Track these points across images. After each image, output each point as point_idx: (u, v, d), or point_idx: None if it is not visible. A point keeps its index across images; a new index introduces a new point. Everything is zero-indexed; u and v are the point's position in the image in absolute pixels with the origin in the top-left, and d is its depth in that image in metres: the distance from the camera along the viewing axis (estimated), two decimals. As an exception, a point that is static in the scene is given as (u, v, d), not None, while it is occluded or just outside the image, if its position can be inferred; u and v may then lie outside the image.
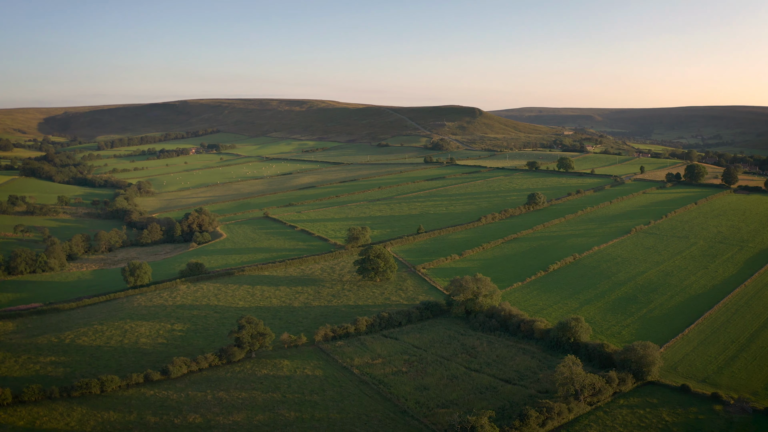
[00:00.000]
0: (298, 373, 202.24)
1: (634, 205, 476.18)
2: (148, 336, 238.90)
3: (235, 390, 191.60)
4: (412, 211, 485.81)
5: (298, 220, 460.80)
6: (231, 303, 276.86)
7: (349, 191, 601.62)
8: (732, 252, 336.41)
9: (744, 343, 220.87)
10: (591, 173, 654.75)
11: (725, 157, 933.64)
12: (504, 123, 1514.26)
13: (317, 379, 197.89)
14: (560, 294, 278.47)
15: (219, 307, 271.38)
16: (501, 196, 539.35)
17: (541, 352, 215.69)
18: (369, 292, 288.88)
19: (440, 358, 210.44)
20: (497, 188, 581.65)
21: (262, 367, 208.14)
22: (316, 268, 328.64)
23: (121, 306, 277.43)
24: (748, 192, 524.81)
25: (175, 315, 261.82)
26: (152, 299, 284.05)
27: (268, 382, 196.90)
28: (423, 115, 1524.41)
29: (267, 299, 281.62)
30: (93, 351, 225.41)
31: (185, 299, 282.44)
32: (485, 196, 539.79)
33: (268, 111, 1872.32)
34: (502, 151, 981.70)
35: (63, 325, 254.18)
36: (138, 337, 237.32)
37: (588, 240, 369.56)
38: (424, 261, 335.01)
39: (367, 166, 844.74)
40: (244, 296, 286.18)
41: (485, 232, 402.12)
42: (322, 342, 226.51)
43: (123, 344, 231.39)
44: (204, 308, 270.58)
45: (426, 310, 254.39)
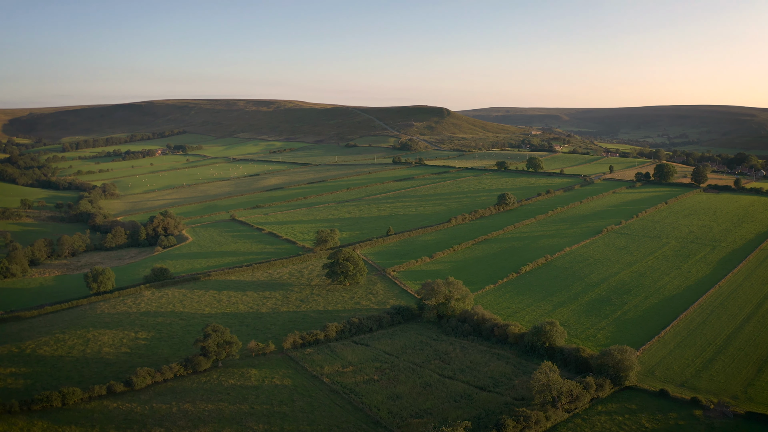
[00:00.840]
0: (267, 383, 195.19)
1: (605, 204, 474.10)
2: (111, 345, 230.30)
3: (201, 402, 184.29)
4: (381, 213, 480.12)
5: (265, 222, 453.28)
6: (197, 309, 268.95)
7: (318, 192, 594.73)
8: (704, 252, 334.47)
9: (721, 345, 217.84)
10: (560, 173, 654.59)
11: (693, 156, 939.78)
12: (472, 123, 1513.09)
13: (286, 388, 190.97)
14: (533, 296, 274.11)
15: (185, 314, 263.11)
16: (470, 196, 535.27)
17: (515, 357, 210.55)
18: (338, 296, 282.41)
19: (413, 364, 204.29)
20: (467, 189, 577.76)
21: (229, 377, 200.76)
22: (284, 272, 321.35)
23: (83, 314, 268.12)
24: (717, 191, 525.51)
25: (139, 323, 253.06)
26: (116, 306, 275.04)
27: (235, 392, 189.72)
28: (391, 115, 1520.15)
29: (234, 305, 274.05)
30: (54, 361, 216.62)
31: (150, 306, 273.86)
32: (455, 197, 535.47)
33: (235, 111, 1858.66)
34: (471, 151, 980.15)
35: (24, 334, 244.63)
36: (101, 347, 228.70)
37: (559, 241, 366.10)
38: (394, 264, 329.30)
39: (335, 167, 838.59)
40: (210, 302, 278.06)
41: (455, 233, 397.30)
42: (291, 349, 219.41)
43: (85, 354, 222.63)
44: (169, 315, 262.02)
45: (397, 314, 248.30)
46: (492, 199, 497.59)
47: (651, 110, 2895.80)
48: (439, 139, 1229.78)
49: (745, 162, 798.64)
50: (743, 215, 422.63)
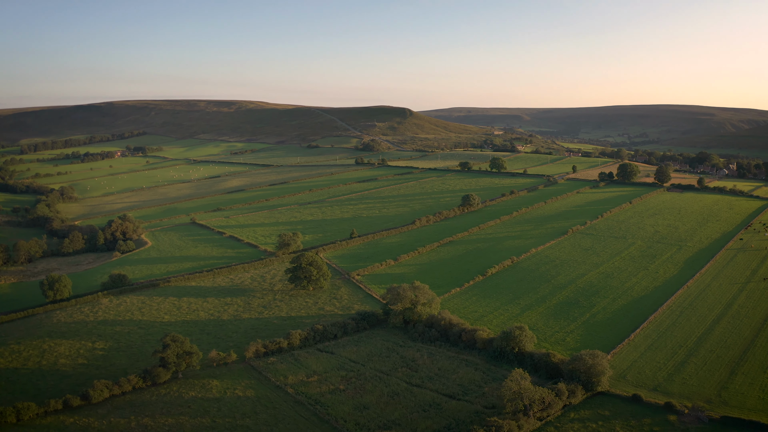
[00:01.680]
0: (229, 395, 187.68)
1: (569, 205, 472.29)
2: (68, 356, 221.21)
3: (160, 415, 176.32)
4: (344, 215, 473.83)
5: (226, 225, 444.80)
6: (156, 317, 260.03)
7: (279, 194, 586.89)
8: (671, 252, 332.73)
9: (692, 347, 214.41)
10: (524, 173, 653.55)
11: (655, 155, 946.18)
12: (434, 123, 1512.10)
13: (249, 400, 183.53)
14: (500, 299, 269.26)
15: (143, 322, 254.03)
16: (434, 197, 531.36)
17: (484, 363, 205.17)
18: (302, 302, 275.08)
19: (379, 373, 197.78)
20: (430, 189, 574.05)
21: (189, 389, 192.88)
22: (246, 277, 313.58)
23: (39, 323, 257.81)
24: (681, 190, 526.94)
25: (97, 332, 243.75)
26: (73, 315, 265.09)
27: (196, 405, 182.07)
28: (353, 115, 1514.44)
29: (194, 312, 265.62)
30: (9, 374, 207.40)
31: (107, 314, 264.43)
32: (418, 198, 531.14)
33: (195, 112, 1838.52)
34: (434, 152, 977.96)
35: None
36: (57, 358, 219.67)
37: (525, 242, 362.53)
38: (358, 267, 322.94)
39: (297, 168, 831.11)
40: (170, 309, 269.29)
41: (420, 235, 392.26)
42: (253, 359, 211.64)
43: (41, 366, 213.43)
44: (127, 324, 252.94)
45: (362, 320, 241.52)
46: (456, 200, 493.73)
47: (611, 110, 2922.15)
48: (402, 139, 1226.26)
49: (707, 161, 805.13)
50: (708, 214, 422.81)
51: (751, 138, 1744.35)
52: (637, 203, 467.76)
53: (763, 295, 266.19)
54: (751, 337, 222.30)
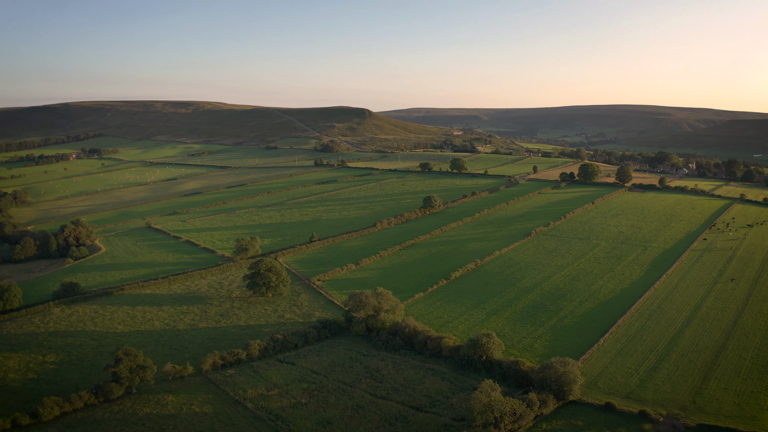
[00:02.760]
0: (185, 411, 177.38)
1: (531, 206, 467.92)
2: (17, 371, 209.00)
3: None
4: (303, 218, 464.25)
5: (182, 229, 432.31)
6: (109, 328, 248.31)
7: (237, 197, 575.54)
8: (636, 253, 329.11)
9: (663, 351, 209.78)
10: (485, 174, 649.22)
11: (614, 155, 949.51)
12: (394, 124, 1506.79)
13: (206, 416, 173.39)
14: (465, 304, 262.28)
15: (96, 333, 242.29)
16: (395, 199, 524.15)
17: (451, 372, 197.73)
18: (261, 309, 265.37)
19: (343, 384, 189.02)
20: (391, 191, 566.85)
21: (144, 405, 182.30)
22: (203, 284, 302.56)
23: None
24: (642, 190, 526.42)
25: (48, 344, 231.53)
26: (23, 326, 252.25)
27: (151, 422, 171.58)
28: (312, 116, 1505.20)
29: (149, 322, 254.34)
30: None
31: (59, 325, 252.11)
32: (379, 200, 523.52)
33: (152, 113, 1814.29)
34: (394, 153, 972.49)
35: None
36: (6, 372, 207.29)
37: (488, 244, 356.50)
38: (318, 272, 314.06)
39: (255, 170, 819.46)
40: (123, 319, 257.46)
41: (381, 238, 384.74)
42: (210, 371, 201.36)
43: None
44: (80, 335, 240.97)
45: (324, 328, 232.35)
46: (417, 201, 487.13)
47: (569, 110, 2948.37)
48: (361, 140, 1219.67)
49: (667, 160, 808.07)
50: (671, 214, 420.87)
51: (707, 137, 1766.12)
52: (600, 203, 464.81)
53: (731, 297, 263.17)
54: (722, 340, 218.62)
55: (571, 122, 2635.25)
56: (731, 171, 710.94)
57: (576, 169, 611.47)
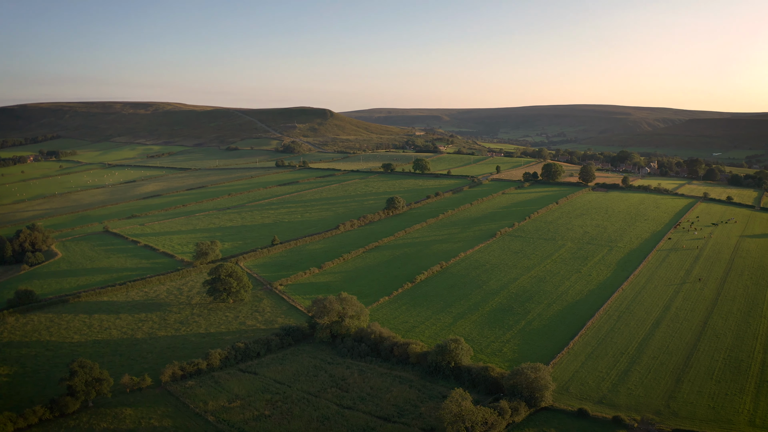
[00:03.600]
0: (144, 425, 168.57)
1: (496, 206, 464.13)
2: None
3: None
4: (265, 220, 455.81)
5: (141, 233, 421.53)
6: (65, 338, 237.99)
7: (197, 199, 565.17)
8: (602, 253, 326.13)
9: (634, 354, 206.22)
10: (448, 174, 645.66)
11: (576, 154, 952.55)
12: (355, 124, 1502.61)
13: (166, 431, 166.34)
14: (431, 308, 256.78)
15: (52, 344, 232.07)
16: (358, 200, 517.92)
17: (419, 380, 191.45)
18: (222, 316, 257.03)
19: (307, 394, 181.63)
20: (353, 192, 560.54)
21: (101, 419, 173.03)
22: (162, 290, 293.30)
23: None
24: (606, 189, 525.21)
25: (1, 356, 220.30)
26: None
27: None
28: (273, 117, 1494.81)
29: (106, 331, 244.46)
30: None
31: (13, 335, 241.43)
32: (342, 201, 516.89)
33: (112, 114, 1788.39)
34: (356, 153, 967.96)
35: None
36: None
37: (453, 246, 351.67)
38: (281, 276, 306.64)
39: (216, 172, 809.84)
40: (80, 328, 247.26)
41: (344, 240, 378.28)
42: (170, 383, 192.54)
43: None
44: (34, 345, 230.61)
45: (287, 336, 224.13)
46: (380, 203, 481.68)
47: (529, 110, 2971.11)
48: (323, 140, 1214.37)
49: (628, 159, 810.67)
50: (635, 214, 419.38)
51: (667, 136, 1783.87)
52: (564, 203, 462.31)
53: (699, 297, 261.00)
54: (693, 342, 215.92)
55: (531, 122, 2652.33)
56: (693, 170, 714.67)
57: (539, 168, 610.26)
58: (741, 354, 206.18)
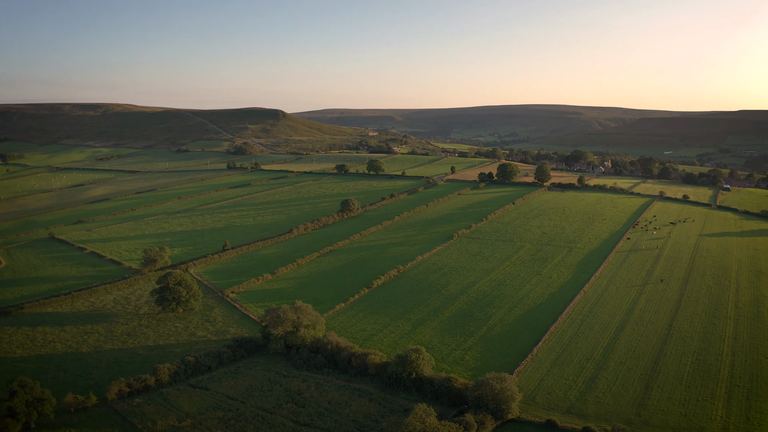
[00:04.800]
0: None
1: (452, 207, 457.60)
2: None
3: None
4: (216, 224, 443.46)
5: (88, 240, 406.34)
6: (7, 352, 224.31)
7: (146, 203, 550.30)
8: (562, 254, 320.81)
9: (600, 359, 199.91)
10: (402, 175, 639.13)
11: (530, 154, 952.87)
12: (308, 125, 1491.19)
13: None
14: (390, 315, 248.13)
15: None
16: (311, 203, 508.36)
17: (379, 392, 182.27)
18: (171, 327, 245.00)
19: (262, 411, 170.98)
20: (307, 194, 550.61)
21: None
22: (109, 300, 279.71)
23: None
24: (562, 189, 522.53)
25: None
26: None
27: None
28: (225, 118, 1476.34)
29: (50, 344, 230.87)
30: None
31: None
32: (295, 204, 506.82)
33: (60, 116, 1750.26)
34: (309, 154, 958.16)
35: None
36: None
37: (410, 249, 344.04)
38: (233, 283, 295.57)
39: (166, 174, 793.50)
40: (23, 342, 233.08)
41: (298, 244, 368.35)
42: (116, 401, 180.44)
43: None
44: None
45: (239, 347, 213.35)
46: (334, 205, 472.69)
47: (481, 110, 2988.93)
48: (275, 142, 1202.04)
49: (582, 159, 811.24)
50: (593, 213, 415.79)
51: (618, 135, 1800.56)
52: (520, 204, 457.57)
53: (663, 298, 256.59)
54: (659, 345, 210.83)
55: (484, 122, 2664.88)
56: (647, 168, 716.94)
57: (494, 169, 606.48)
58: (709, 357, 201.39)
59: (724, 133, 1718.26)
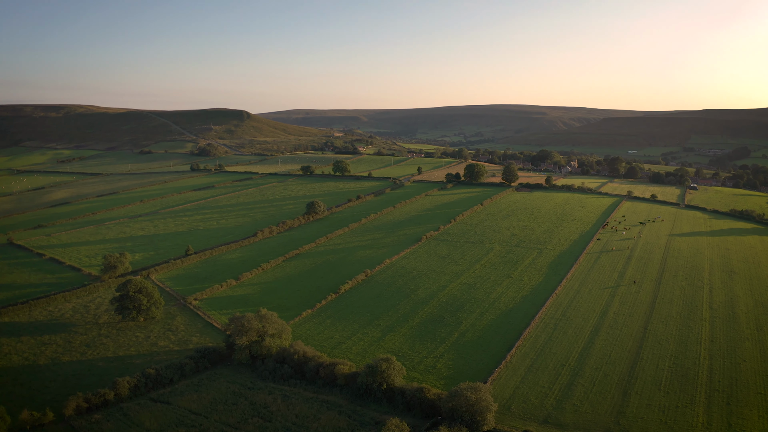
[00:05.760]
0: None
1: (419, 209, 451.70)
2: None
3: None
4: (179, 228, 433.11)
5: (47, 245, 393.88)
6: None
7: (108, 207, 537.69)
8: (532, 256, 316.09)
9: (575, 365, 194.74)
10: (369, 176, 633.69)
11: (496, 154, 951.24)
12: (273, 126, 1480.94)
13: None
14: (358, 321, 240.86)
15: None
16: (276, 205, 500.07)
17: (348, 404, 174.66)
18: (132, 336, 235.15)
19: (226, 426, 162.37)
20: (272, 197, 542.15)
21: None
22: (68, 308, 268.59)
23: None
24: (530, 189, 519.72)
25: None
26: None
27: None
28: (189, 119, 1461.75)
29: (6, 357, 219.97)
30: None
31: None
32: (260, 206, 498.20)
33: (22, 118, 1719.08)
34: (273, 155, 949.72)
35: None
36: None
37: (378, 252, 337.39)
38: (195, 290, 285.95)
39: (128, 177, 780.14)
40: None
41: (263, 249, 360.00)
42: (74, 417, 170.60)
43: None
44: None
45: (202, 358, 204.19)
46: (300, 207, 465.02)
47: (447, 110, 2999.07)
48: (240, 143, 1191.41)
49: (549, 159, 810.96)
50: (561, 214, 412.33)
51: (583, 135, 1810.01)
52: (489, 205, 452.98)
53: (636, 300, 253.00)
54: (635, 349, 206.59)
55: (449, 122, 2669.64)
56: (614, 168, 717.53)
57: (461, 169, 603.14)
58: (687, 361, 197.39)
59: (687, 132, 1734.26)
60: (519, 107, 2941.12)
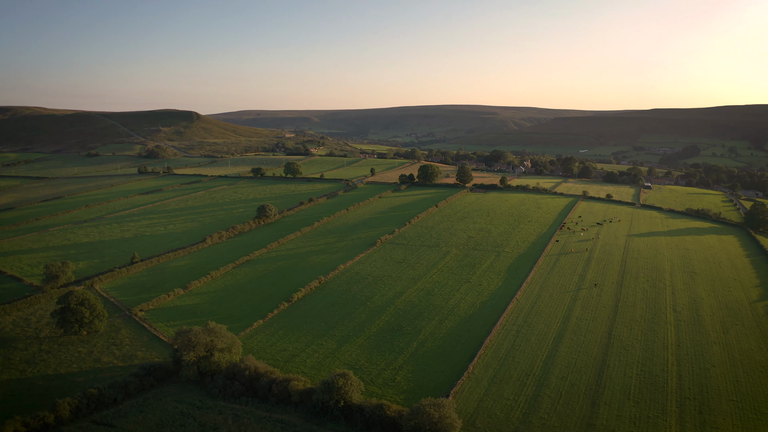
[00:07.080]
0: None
1: (373, 211, 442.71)
2: None
3: None
4: (125, 234, 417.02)
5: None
6: None
7: (52, 212, 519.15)
8: (490, 259, 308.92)
9: (540, 375, 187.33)
10: (321, 178, 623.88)
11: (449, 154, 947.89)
12: (223, 127, 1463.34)
13: None
14: (312, 332, 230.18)
15: None
16: (226, 209, 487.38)
17: (304, 423, 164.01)
18: (74, 352, 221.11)
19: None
20: (221, 200, 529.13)
21: None
22: (7, 322, 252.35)
23: None
24: (485, 190, 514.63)
25: None
26: None
27: None
28: (137, 120, 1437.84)
29: None
30: None
31: None
32: (209, 210, 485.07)
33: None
34: (224, 157, 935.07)
35: None
36: None
37: (331, 257, 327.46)
38: (141, 300, 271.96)
39: (74, 180, 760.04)
40: None
41: (212, 255, 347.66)
42: None
43: None
44: None
45: (148, 375, 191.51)
46: (250, 211, 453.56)
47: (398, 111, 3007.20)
48: (189, 144, 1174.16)
49: (502, 159, 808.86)
50: (518, 215, 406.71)
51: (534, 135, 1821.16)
52: (444, 206, 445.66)
53: (599, 304, 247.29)
54: (601, 356, 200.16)
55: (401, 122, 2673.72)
56: (568, 168, 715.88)
57: (415, 170, 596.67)
58: (654, 368, 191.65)
59: (637, 132, 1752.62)
60: (470, 107, 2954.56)
